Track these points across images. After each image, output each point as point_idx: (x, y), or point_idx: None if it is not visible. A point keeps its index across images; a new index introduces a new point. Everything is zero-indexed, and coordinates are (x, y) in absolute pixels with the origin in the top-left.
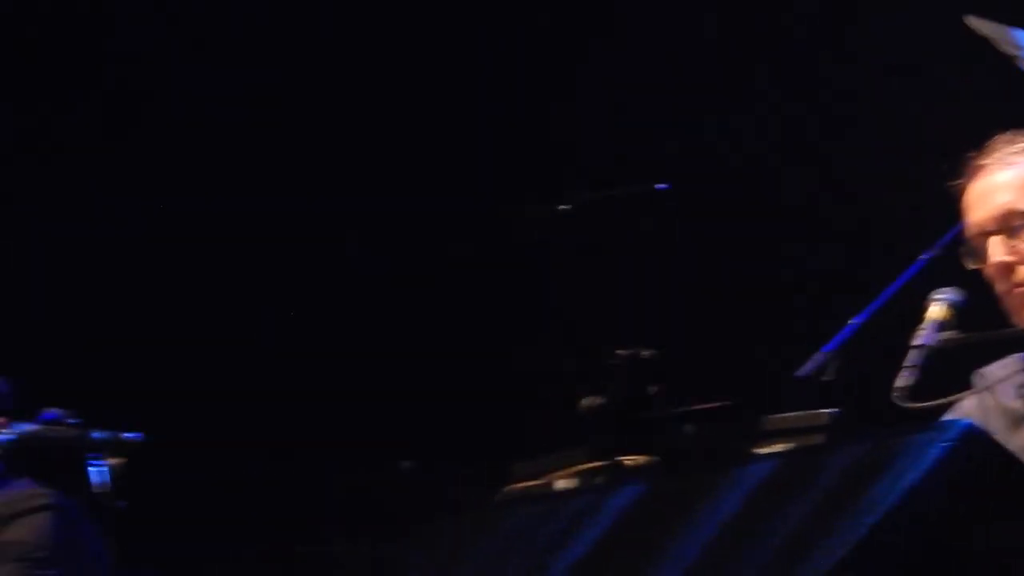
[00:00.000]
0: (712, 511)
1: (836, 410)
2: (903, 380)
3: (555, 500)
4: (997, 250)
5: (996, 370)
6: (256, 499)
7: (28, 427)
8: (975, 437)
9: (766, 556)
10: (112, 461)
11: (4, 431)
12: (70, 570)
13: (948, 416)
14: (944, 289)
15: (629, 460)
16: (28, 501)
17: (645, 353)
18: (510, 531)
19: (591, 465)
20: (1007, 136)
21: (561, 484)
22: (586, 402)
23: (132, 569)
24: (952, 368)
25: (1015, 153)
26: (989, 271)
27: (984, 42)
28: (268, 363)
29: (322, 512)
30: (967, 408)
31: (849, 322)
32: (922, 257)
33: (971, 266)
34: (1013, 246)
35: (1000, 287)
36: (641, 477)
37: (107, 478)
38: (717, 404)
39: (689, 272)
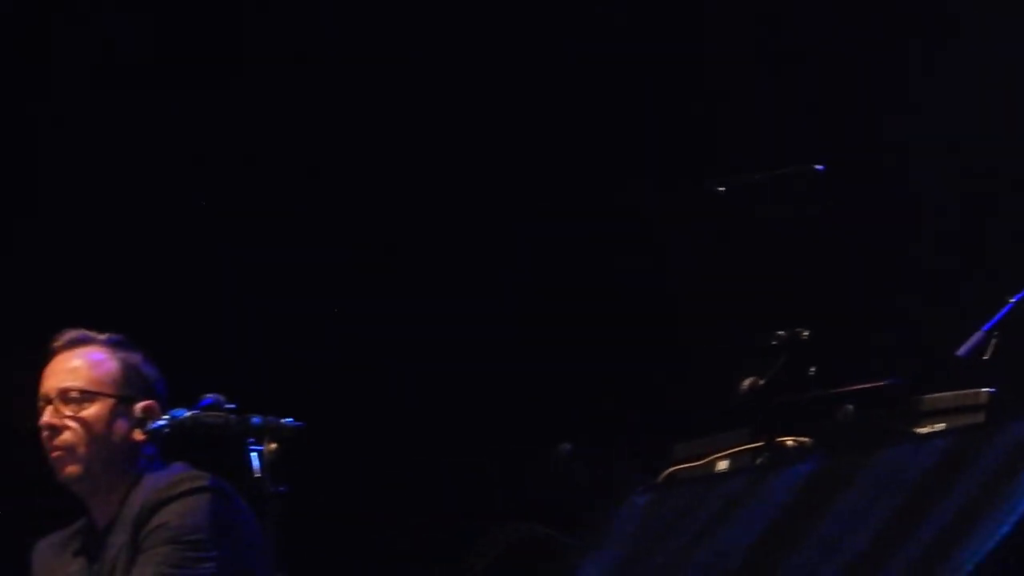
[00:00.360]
0: (873, 492)
1: (994, 389)
2: None
3: (716, 481)
4: None
5: None
6: (416, 483)
7: (184, 413)
8: None
9: (931, 535)
10: (270, 447)
11: (158, 417)
12: (225, 553)
13: None
14: None
15: (789, 441)
16: (184, 484)
17: (804, 334)
18: (671, 512)
19: (751, 446)
20: None
21: (722, 465)
22: (746, 384)
23: (289, 555)
24: None
25: None
26: None
27: None
28: (428, 346)
29: (483, 497)
30: None
31: (1008, 300)
32: None
33: None
34: None
35: None
36: (801, 458)
37: (265, 464)
38: (876, 384)
39: (842, 250)
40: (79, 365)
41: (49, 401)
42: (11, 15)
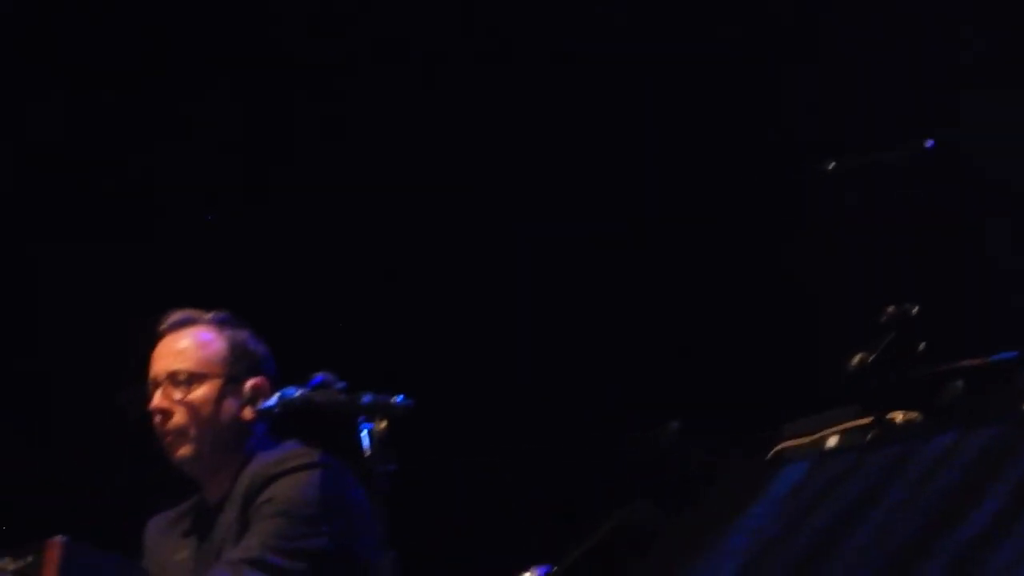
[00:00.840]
0: (987, 468)
1: None
2: None
3: (826, 458)
4: None
5: None
6: (526, 463)
7: (294, 392)
8: None
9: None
10: (380, 425)
11: (267, 395)
12: (335, 529)
13: None
14: None
15: (898, 417)
16: (294, 459)
17: (913, 309)
18: (779, 489)
19: (861, 422)
20: None
21: (832, 442)
22: (855, 360)
23: (398, 534)
24: None
25: None
26: None
27: None
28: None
29: (593, 478)
30: None
31: None
32: None
33: None
34: None
35: None
36: (910, 434)
37: (375, 442)
38: (986, 360)
39: (953, 227)
40: (186, 346)
41: (158, 385)
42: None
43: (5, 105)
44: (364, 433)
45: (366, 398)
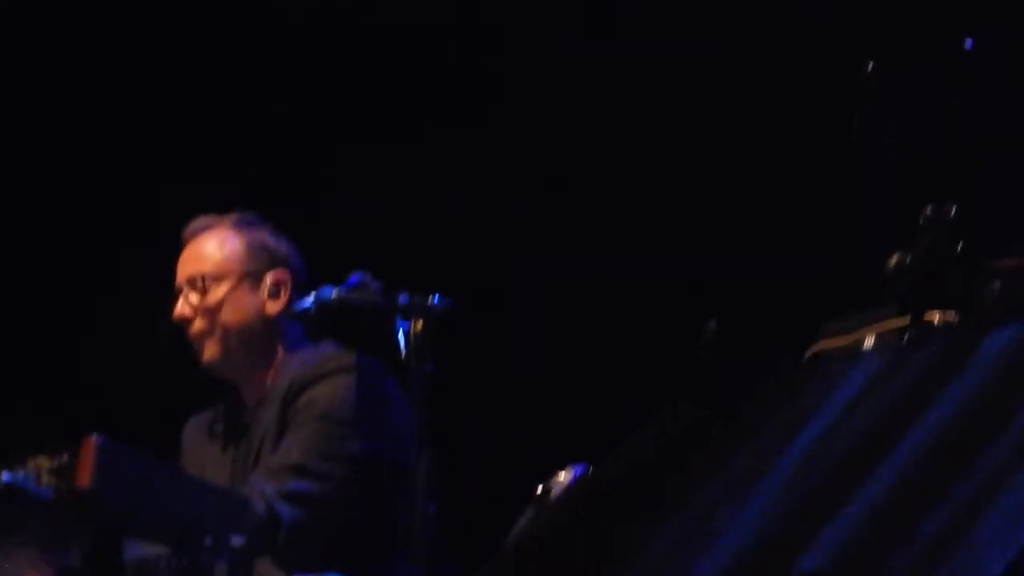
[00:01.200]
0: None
1: None
2: None
3: (863, 358)
4: None
5: None
6: (568, 363)
7: (331, 292)
8: None
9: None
10: (418, 325)
11: (288, 287)
12: (374, 431)
13: None
14: None
15: (936, 317)
16: (333, 362)
17: (952, 210)
18: (818, 388)
19: (898, 323)
20: None
21: (868, 342)
22: (893, 260)
23: (437, 434)
24: None
25: None
26: None
27: None
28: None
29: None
30: None
31: None
32: None
33: None
34: None
35: None
36: (948, 335)
37: (412, 342)
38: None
39: (990, 127)
40: (203, 251)
41: (181, 292)
42: None
43: None
44: (401, 333)
45: (403, 298)
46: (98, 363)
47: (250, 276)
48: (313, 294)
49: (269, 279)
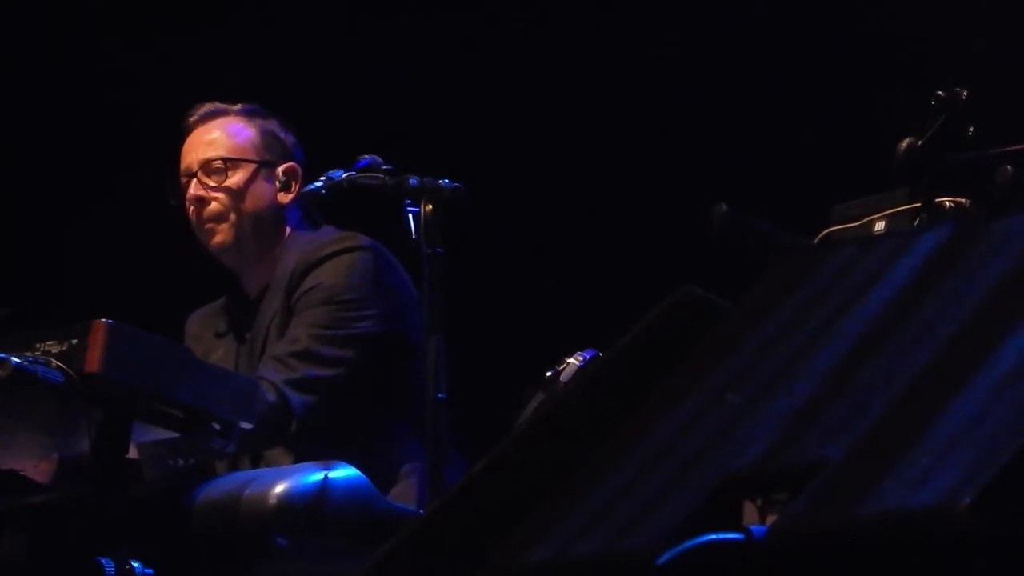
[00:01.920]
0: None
1: None
2: None
3: (873, 242)
4: None
5: None
6: (574, 245)
7: (340, 174)
8: None
9: None
10: (427, 208)
11: (299, 178)
12: (381, 312)
13: None
14: None
15: (947, 202)
16: (337, 244)
17: (963, 93)
18: (827, 273)
19: (909, 207)
20: None
21: (879, 227)
22: (904, 144)
23: (447, 316)
24: None
25: None
26: None
27: None
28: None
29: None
30: None
31: None
32: None
33: None
34: None
35: None
36: (957, 218)
37: (422, 225)
38: None
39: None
40: (218, 136)
41: (192, 175)
42: None
43: None
44: (411, 216)
45: (413, 180)
46: (106, 248)
47: (266, 165)
48: (324, 176)
49: (281, 169)
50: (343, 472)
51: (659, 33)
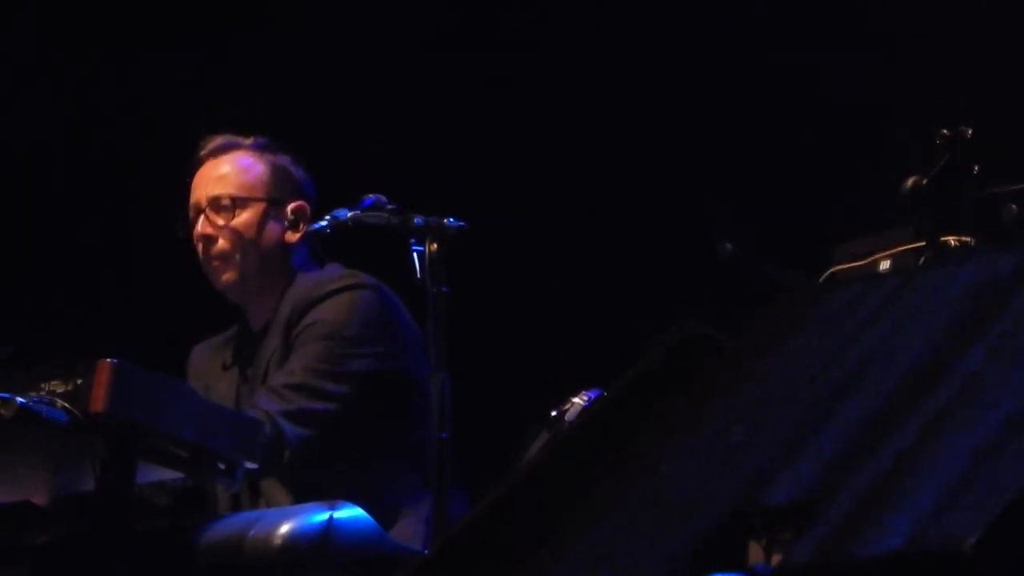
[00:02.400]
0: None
1: None
2: None
3: (878, 281)
4: None
5: None
6: (580, 284)
7: (345, 213)
8: None
9: None
10: (432, 247)
11: (309, 217)
12: (380, 351)
13: None
14: None
15: (952, 240)
16: (337, 282)
17: (968, 132)
18: (830, 311)
19: (914, 246)
20: None
21: (884, 265)
22: (909, 182)
23: (454, 355)
24: None
25: None
26: None
27: None
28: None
29: (646, 298)
30: None
31: None
32: None
33: None
34: None
35: None
36: (964, 257)
37: (427, 264)
38: None
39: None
40: (228, 171)
41: (200, 211)
42: None
43: None
44: (415, 255)
45: (418, 219)
46: (110, 286)
47: (275, 203)
48: (329, 214)
49: (291, 207)
50: (348, 512)
51: (661, 77)
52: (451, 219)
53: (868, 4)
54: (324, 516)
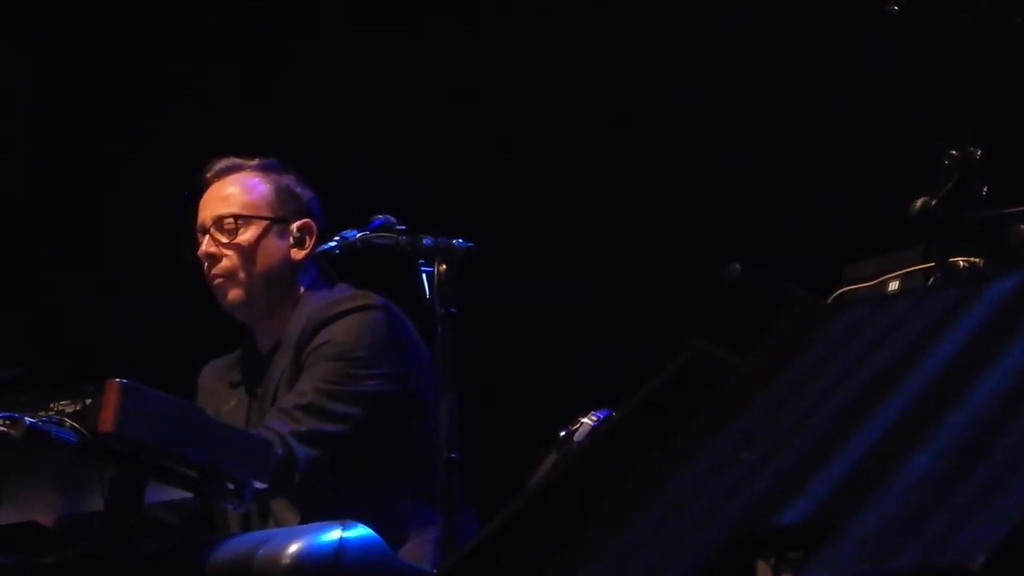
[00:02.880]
0: None
1: None
2: None
3: (886, 302)
4: None
5: None
6: (588, 306)
7: (354, 234)
8: None
9: None
10: (441, 268)
11: (314, 235)
12: (390, 372)
13: None
14: None
15: (960, 261)
16: (348, 302)
17: (976, 152)
18: (839, 332)
19: (923, 266)
20: None
21: (893, 286)
22: (918, 203)
23: (463, 376)
24: None
25: None
26: None
27: None
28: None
29: (654, 321)
30: None
31: None
32: None
33: None
34: None
35: None
36: (974, 278)
37: (436, 285)
38: None
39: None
40: (232, 192)
41: (206, 231)
42: None
43: None
44: (424, 276)
45: (427, 240)
46: (119, 305)
47: (279, 221)
48: (338, 235)
49: (296, 226)
50: (357, 532)
51: (661, 78)
52: (460, 240)
53: (868, 5)
54: (334, 536)
